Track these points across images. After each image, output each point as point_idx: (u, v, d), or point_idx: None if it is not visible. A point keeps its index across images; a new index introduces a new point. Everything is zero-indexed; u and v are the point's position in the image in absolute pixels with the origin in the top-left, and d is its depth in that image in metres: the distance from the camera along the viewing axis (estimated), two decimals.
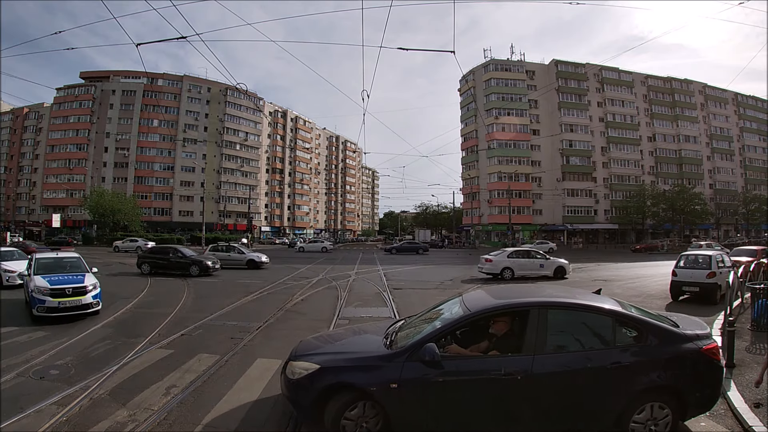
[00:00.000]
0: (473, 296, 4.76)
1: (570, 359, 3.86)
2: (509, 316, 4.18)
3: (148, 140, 65.27)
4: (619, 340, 3.99)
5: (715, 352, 4.01)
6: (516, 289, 5.88)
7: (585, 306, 4.16)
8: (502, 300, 4.41)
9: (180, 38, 11.02)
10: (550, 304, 4.15)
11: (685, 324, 4.34)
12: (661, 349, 3.89)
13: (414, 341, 3.96)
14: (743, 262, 11.74)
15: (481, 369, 3.86)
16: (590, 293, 4.91)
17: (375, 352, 4.09)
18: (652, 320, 4.09)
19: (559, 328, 4.05)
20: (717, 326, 7.81)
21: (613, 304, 4.25)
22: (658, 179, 63.85)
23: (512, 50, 73.53)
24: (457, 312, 4.24)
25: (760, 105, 71.07)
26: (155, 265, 18.61)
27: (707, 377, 3.98)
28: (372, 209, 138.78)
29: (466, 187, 68.54)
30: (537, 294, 4.83)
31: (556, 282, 16.76)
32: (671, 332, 4.02)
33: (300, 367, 4.09)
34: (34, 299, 8.90)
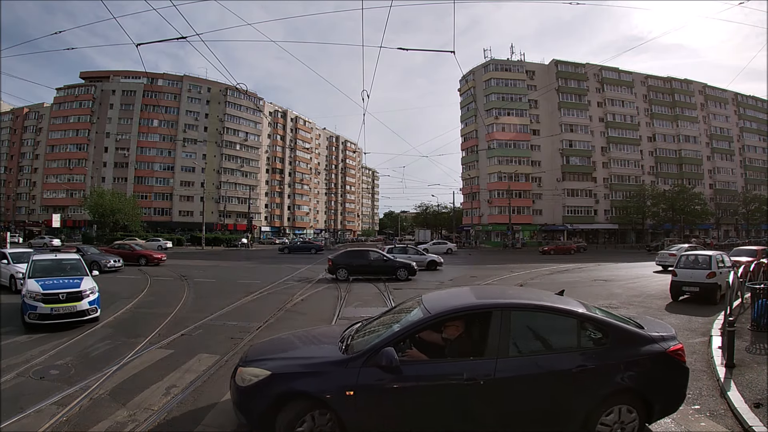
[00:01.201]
0: (434, 297, 4.59)
1: (534, 363, 3.75)
2: (471, 318, 4.04)
3: (148, 140, 65.27)
4: (583, 342, 3.91)
5: (681, 354, 3.97)
6: (479, 290, 5.68)
7: (549, 308, 4.06)
8: (464, 301, 4.28)
9: (180, 38, 11.03)
10: (513, 305, 4.03)
11: (650, 326, 4.27)
12: (627, 351, 3.82)
13: (371, 346, 3.78)
14: (743, 262, 11.75)
15: (443, 374, 3.70)
16: (554, 295, 4.80)
17: (330, 358, 3.89)
18: (616, 322, 4.02)
19: (523, 330, 3.96)
20: (717, 326, 7.82)
21: (577, 306, 4.18)
22: (658, 179, 63.85)
23: (512, 50, 73.63)
24: (417, 314, 4.06)
25: (760, 105, 71.09)
26: (353, 270, 17.17)
27: (673, 379, 3.93)
28: (372, 209, 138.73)
29: (466, 187, 68.54)
30: (500, 295, 4.70)
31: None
32: (636, 334, 3.96)
33: (250, 374, 3.86)
34: (26, 305, 8.29)
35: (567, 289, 5.75)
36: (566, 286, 14.97)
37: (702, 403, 4.87)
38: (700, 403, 4.87)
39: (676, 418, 4.44)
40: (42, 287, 8.49)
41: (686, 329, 8.42)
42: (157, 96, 66.04)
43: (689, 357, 6.53)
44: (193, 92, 68.25)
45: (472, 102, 62.33)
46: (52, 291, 8.44)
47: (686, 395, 4.01)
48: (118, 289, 13.39)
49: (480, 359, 3.70)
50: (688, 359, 6.37)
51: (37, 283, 8.69)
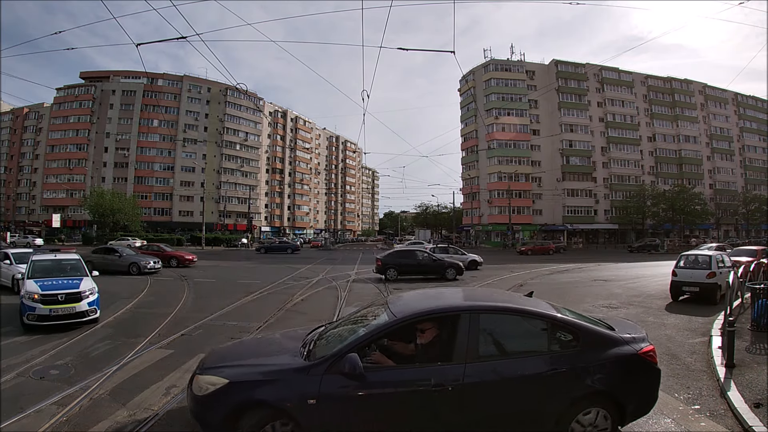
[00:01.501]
0: (400, 300, 4.46)
1: (504, 367, 3.66)
2: (438, 321, 3.87)
3: (148, 140, 65.26)
4: (554, 345, 3.84)
5: (652, 355, 3.92)
6: (446, 292, 5.58)
7: (518, 310, 3.98)
8: (431, 304, 4.14)
9: (180, 38, 11.03)
10: (481, 308, 3.94)
11: (621, 327, 4.22)
12: (597, 354, 3.76)
13: (333, 351, 3.61)
14: (743, 262, 11.75)
15: (409, 380, 3.56)
16: (523, 296, 4.74)
17: (290, 364, 3.69)
18: (586, 324, 3.96)
19: (492, 333, 3.85)
20: (717, 326, 7.82)
21: (546, 308, 4.11)
22: (658, 179, 63.84)
23: (512, 50, 73.67)
24: (383, 318, 3.90)
25: (760, 105, 71.08)
26: (402, 270, 17.05)
27: (644, 381, 3.88)
28: (372, 209, 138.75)
29: (466, 187, 68.55)
30: (468, 298, 4.58)
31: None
32: (607, 336, 3.90)
33: (206, 382, 3.65)
34: (24, 306, 8.20)
35: (567, 289, 5.77)
36: (566, 286, 15.09)
37: (702, 403, 4.86)
38: (700, 403, 4.86)
39: (676, 418, 4.44)
40: (41, 288, 8.40)
41: (686, 329, 8.42)
42: (157, 96, 66.03)
43: (689, 357, 6.58)
44: (193, 92, 68.24)
45: (472, 102, 62.34)
46: (51, 292, 8.34)
47: (658, 396, 3.96)
48: (118, 289, 13.39)
49: (448, 364, 3.58)
50: (688, 359, 6.45)
51: (36, 283, 8.59)
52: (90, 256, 18.71)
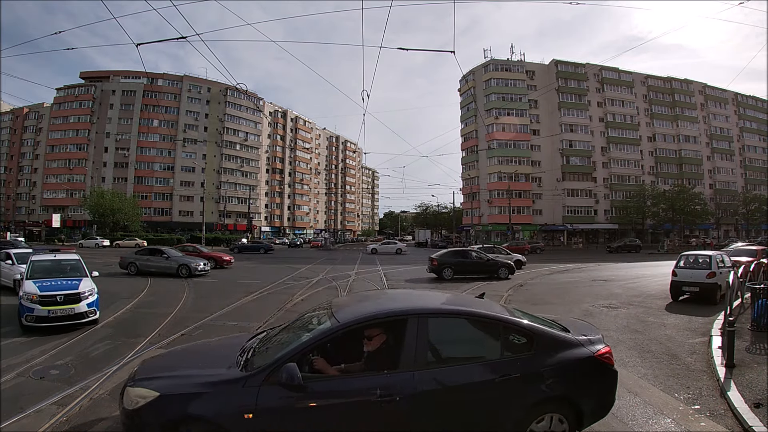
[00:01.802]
0: (345, 304, 4.25)
1: (455, 374, 3.46)
2: (385, 326, 3.63)
3: (148, 140, 65.28)
4: (507, 349, 3.68)
5: (609, 357, 3.80)
6: (396, 295, 5.27)
7: (468, 313, 3.80)
8: (376, 308, 3.87)
9: (180, 38, 11.02)
10: (430, 311, 3.73)
11: (576, 329, 4.08)
12: (553, 357, 3.61)
13: (271, 361, 3.34)
14: (743, 262, 11.75)
15: (354, 391, 3.33)
16: (475, 298, 4.55)
17: (226, 375, 3.40)
18: (541, 326, 3.80)
19: (442, 338, 3.66)
20: (717, 326, 7.83)
21: (499, 311, 3.97)
22: (658, 179, 63.84)
23: (512, 50, 73.72)
24: (326, 323, 3.64)
25: (760, 105, 71.08)
26: (458, 269, 17.53)
27: (601, 383, 3.77)
28: (372, 209, 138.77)
29: (466, 187, 68.55)
30: (417, 301, 4.31)
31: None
32: (562, 338, 3.77)
33: (137, 395, 3.35)
34: (23, 307, 8.10)
35: (567, 289, 5.75)
36: (566, 286, 15.09)
37: (702, 403, 4.86)
38: (700, 403, 4.86)
39: (676, 418, 4.44)
40: (39, 289, 8.31)
41: (686, 329, 8.42)
42: (157, 96, 66.05)
43: (689, 357, 6.58)
44: (193, 92, 68.25)
45: (472, 102, 62.34)
46: (50, 293, 8.25)
47: (615, 399, 3.87)
48: (118, 289, 13.38)
49: (396, 372, 3.36)
50: (688, 359, 6.45)
51: (35, 284, 8.51)
52: (133, 257, 18.43)
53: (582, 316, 9.74)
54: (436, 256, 18.12)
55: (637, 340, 7.65)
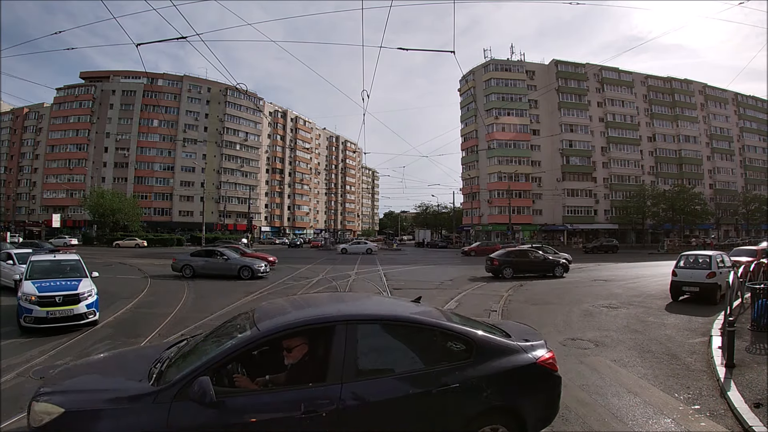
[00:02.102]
0: (268, 310, 3.86)
1: (388, 385, 3.19)
2: (310, 334, 3.32)
3: (148, 140, 65.30)
4: (444, 358, 3.43)
5: (552, 362, 3.64)
6: (322, 299, 4.90)
7: (401, 319, 3.55)
8: (302, 314, 3.57)
9: (180, 38, 11.01)
10: (359, 317, 3.41)
11: (518, 334, 3.91)
12: (493, 365, 3.40)
13: (183, 374, 2.99)
14: (743, 262, 11.75)
15: (275, 406, 3.00)
16: (410, 302, 4.28)
17: (136, 390, 3.03)
18: (480, 332, 3.57)
19: (373, 346, 3.40)
20: (717, 326, 7.83)
21: (435, 315, 3.73)
22: (658, 179, 63.85)
23: (512, 50, 73.70)
24: (245, 332, 3.31)
25: (760, 105, 71.08)
26: (518, 269, 18.15)
27: (545, 391, 3.61)
28: (372, 209, 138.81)
29: (466, 187, 68.57)
30: (346, 305, 4.03)
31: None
32: (502, 345, 3.57)
33: (41, 411, 2.96)
34: (22, 308, 8.04)
35: (567, 289, 5.73)
36: (566, 286, 15.09)
37: (702, 403, 4.86)
38: (700, 403, 4.86)
39: (676, 418, 4.44)
40: (38, 289, 8.24)
41: (686, 329, 8.43)
42: (157, 96, 66.07)
43: (689, 357, 6.58)
44: (193, 92, 68.28)
45: (472, 102, 62.36)
46: (48, 293, 8.18)
47: (560, 406, 3.75)
48: (118, 289, 13.38)
49: (322, 385, 3.06)
50: (688, 359, 6.45)
51: (34, 285, 8.45)
52: (188, 259, 17.79)
53: (582, 316, 9.76)
54: (496, 256, 18.76)
55: (637, 340, 7.65)
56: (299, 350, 3.28)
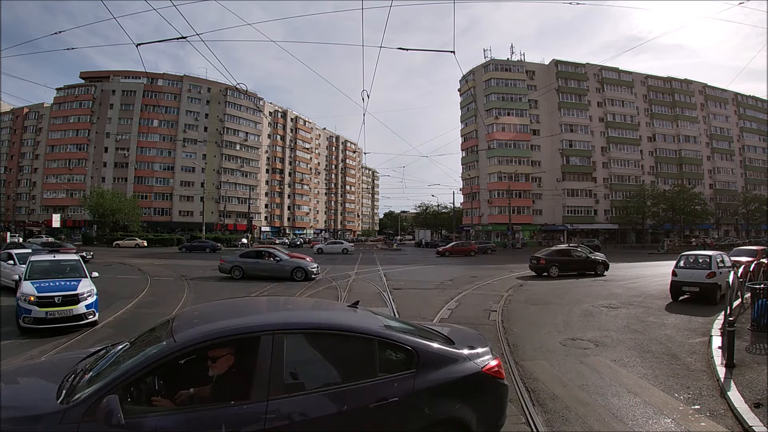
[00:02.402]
0: (189, 316, 3.50)
1: (320, 402, 2.90)
2: (234, 345, 2.98)
3: (148, 140, 65.30)
4: (382, 368, 3.12)
5: (498, 370, 3.45)
6: (250, 304, 4.41)
7: (334, 327, 3.26)
8: (223, 324, 3.13)
9: (180, 38, 11.02)
10: (285, 326, 3.09)
11: (462, 340, 3.69)
12: (436, 375, 3.18)
13: (91, 391, 2.65)
14: (743, 262, 11.75)
15: (194, 427, 2.67)
16: (346, 308, 4.00)
17: (44, 407, 2.65)
18: (421, 340, 3.35)
19: (303, 358, 3.14)
20: (717, 326, 7.83)
21: (372, 322, 3.44)
22: (658, 179, 63.88)
23: (512, 50, 73.78)
24: (161, 343, 2.94)
25: (760, 105, 71.13)
26: (563, 267, 18.90)
27: (491, 400, 3.41)
28: (372, 209, 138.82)
29: (466, 187, 68.58)
30: (274, 312, 3.67)
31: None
32: (446, 353, 3.35)
33: None
34: (20, 308, 7.98)
35: (567, 289, 5.72)
36: (566, 286, 15.08)
37: (702, 403, 4.86)
38: (700, 403, 4.86)
39: (676, 418, 4.44)
40: (37, 290, 8.18)
41: (686, 329, 8.42)
42: (157, 96, 66.07)
43: (689, 357, 6.57)
44: (193, 92, 68.28)
45: (472, 102, 62.36)
46: (47, 294, 8.12)
47: (506, 414, 3.59)
48: (118, 289, 13.38)
49: (246, 403, 2.76)
50: (688, 359, 6.45)
51: (33, 285, 8.39)
52: (238, 260, 17.49)
53: (582, 316, 9.76)
54: (542, 255, 19.45)
55: (637, 340, 7.65)
56: (224, 361, 2.95)
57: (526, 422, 4.34)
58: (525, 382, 5.46)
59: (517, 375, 5.70)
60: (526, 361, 6.36)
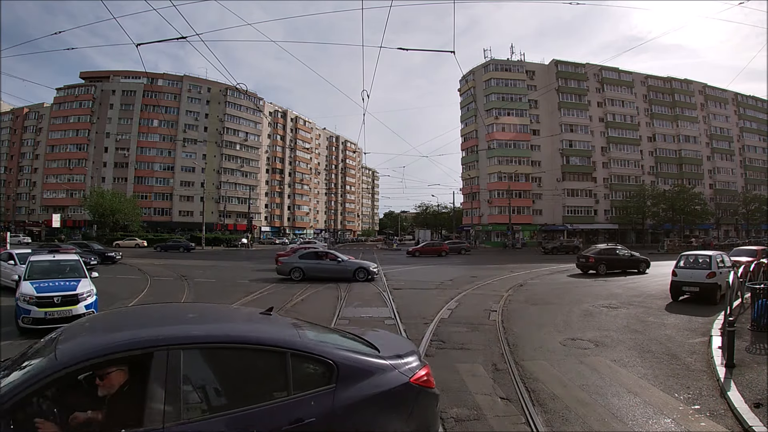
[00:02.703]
0: (76, 329, 3.05)
1: (223, 427, 2.53)
2: (124, 364, 2.57)
3: (148, 140, 65.34)
4: (297, 385, 2.74)
5: (427, 379, 3.13)
6: (150, 313, 3.74)
7: (239, 340, 2.83)
8: (112, 338, 2.71)
9: (180, 38, 11.03)
10: (183, 340, 2.67)
11: (387, 346, 3.37)
12: (359, 389, 2.84)
13: None
14: (743, 262, 11.75)
15: None
16: (258, 315, 3.50)
17: None
18: (341, 351, 3.01)
19: (205, 377, 2.73)
20: (717, 326, 7.83)
21: (284, 332, 3.09)
22: (658, 179, 63.89)
23: (512, 50, 73.74)
24: (42, 359, 2.56)
25: (760, 105, 71.14)
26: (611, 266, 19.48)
27: (421, 412, 3.10)
28: (372, 209, 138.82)
29: (466, 187, 68.58)
30: (174, 323, 3.10)
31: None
32: (370, 364, 3.00)
33: None
34: (20, 308, 7.91)
35: (567, 289, 5.70)
36: (566, 286, 15.09)
37: (702, 403, 4.86)
38: (700, 403, 4.86)
39: (676, 418, 4.44)
40: (36, 290, 8.12)
41: (686, 329, 8.42)
42: (157, 96, 66.09)
43: (689, 357, 6.57)
44: (193, 92, 68.30)
45: (472, 102, 62.36)
46: (47, 294, 8.07)
47: (438, 425, 3.43)
48: (117, 289, 13.39)
49: (137, 430, 2.40)
50: (688, 359, 6.44)
51: (32, 285, 8.33)
52: (297, 262, 17.16)
53: (582, 316, 9.76)
54: (591, 254, 20.28)
55: (637, 340, 7.65)
56: (114, 379, 2.54)
57: (526, 422, 4.34)
58: (525, 382, 5.46)
59: (517, 375, 5.70)
60: (526, 361, 6.35)
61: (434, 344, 7.33)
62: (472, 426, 4.31)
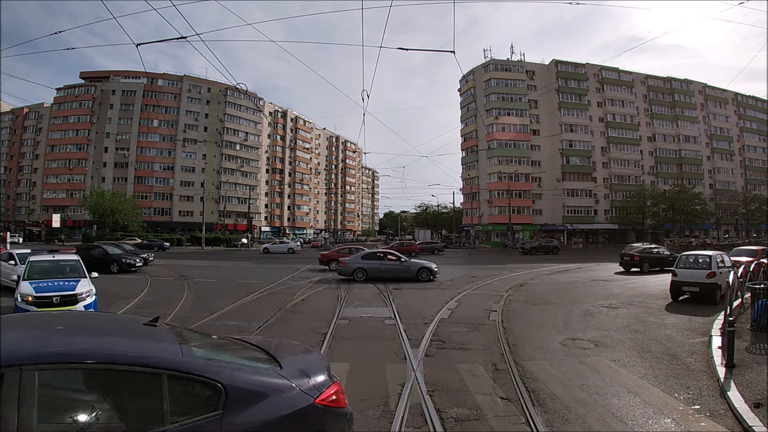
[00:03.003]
0: None
1: None
2: None
3: (148, 140, 65.30)
4: (177, 412, 2.32)
5: (335, 398, 2.79)
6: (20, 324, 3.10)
7: (103, 357, 2.36)
8: None
9: (180, 38, 11.03)
10: (38, 358, 2.23)
11: (292, 360, 3.02)
12: (253, 415, 2.46)
13: None
14: (743, 262, 11.76)
15: None
16: (140, 326, 3.03)
17: None
18: (232, 370, 2.62)
19: (66, 402, 2.34)
20: (717, 326, 7.83)
21: (163, 347, 2.65)
22: (658, 179, 63.86)
23: (512, 50, 73.54)
24: None
25: (760, 105, 71.10)
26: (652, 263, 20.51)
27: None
28: (372, 209, 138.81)
29: (466, 187, 68.56)
30: (33, 337, 2.59)
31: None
32: (265, 385, 2.63)
33: None
34: (18, 309, 7.90)
35: (567, 289, 5.71)
36: (566, 286, 15.09)
37: (702, 403, 4.86)
38: (700, 403, 4.86)
39: (676, 418, 4.44)
40: (35, 290, 8.13)
41: (686, 329, 8.43)
42: (157, 96, 66.07)
43: (689, 357, 6.57)
44: (193, 92, 68.28)
45: (472, 102, 62.34)
46: (45, 294, 8.06)
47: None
48: (117, 289, 13.40)
49: None
50: (688, 359, 6.44)
51: (31, 285, 8.35)
52: (360, 262, 17.18)
53: (582, 316, 9.76)
54: (635, 253, 21.22)
55: (637, 340, 7.65)
56: None
57: (526, 422, 4.34)
58: (525, 382, 5.46)
59: (517, 375, 5.70)
60: (526, 361, 6.36)
61: (434, 344, 7.32)
62: (472, 426, 4.31)
